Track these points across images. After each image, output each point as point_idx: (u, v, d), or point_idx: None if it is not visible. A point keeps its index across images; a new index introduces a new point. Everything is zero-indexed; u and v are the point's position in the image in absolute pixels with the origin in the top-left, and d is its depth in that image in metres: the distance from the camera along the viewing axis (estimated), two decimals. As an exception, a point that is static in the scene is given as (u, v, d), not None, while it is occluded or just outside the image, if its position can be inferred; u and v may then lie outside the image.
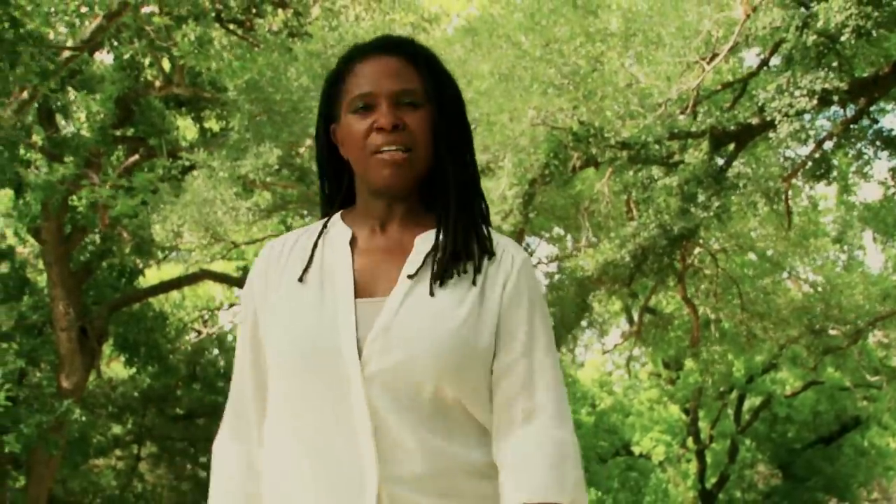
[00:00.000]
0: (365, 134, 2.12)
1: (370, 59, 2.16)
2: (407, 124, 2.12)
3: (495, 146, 13.03)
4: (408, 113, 2.12)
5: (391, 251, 2.17)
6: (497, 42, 12.96)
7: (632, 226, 13.20)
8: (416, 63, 2.16)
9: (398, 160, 2.11)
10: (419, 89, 2.14)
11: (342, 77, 2.20)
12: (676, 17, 12.76)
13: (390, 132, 2.10)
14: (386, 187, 2.15)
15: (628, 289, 14.77)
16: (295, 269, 2.20)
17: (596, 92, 12.43)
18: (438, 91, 2.16)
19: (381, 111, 2.12)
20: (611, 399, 29.98)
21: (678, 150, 13.00)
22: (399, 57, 2.16)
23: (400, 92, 2.12)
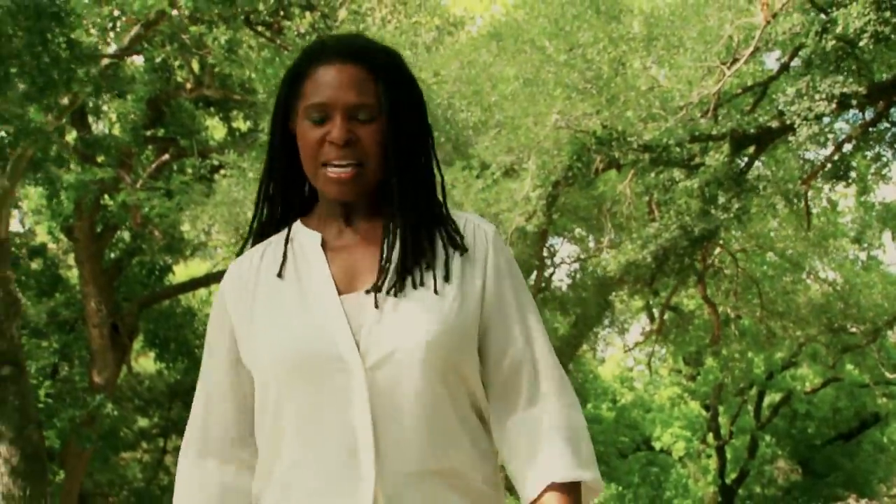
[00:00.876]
0: (317, 144, 2.12)
1: (330, 66, 2.13)
2: (359, 138, 2.11)
3: (519, 148, 13.28)
4: (361, 127, 2.11)
5: (363, 245, 2.18)
6: (522, 47, 13.21)
7: (653, 227, 13.41)
8: (376, 72, 2.13)
9: (346, 177, 2.11)
10: (374, 102, 2.12)
11: (302, 77, 2.16)
12: (698, 21, 12.98)
13: (341, 147, 2.09)
14: (336, 200, 2.17)
15: (649, 288, 15.02)
16: (269, 280, 2.18)
17: (618, 96, 12.67)
18: (395, 102, 2.13)
19: (334, 123, 2.10)
20: (632, 395, 30.18)
21: (699, 153, 13.21)
22: (358, 66, 2.13)
23: (355, 106, 2.10)
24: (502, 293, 2.16)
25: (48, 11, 7.77)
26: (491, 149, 13.47)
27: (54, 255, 19.03)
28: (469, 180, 13.56)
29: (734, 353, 19.02)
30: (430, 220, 2.18)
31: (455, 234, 2.18)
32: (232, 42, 14.11)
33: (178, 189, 13.18)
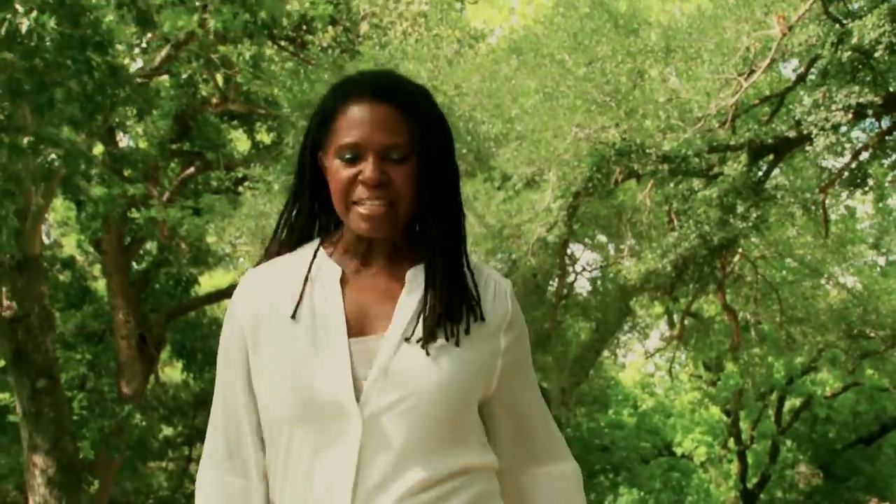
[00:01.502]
0: (349, 183, 2.12)
1: (362, 105, 2.13)
2: (392, 179, 2.11)
3: (540, 160, 13.48)
4: (394, 167, 2.11)
5: (381, 288, 2.17)
6: (541, 61, 13.41)
7: (673, 236, 13.59)
8: (407, 112, 2.15)
9: (378, 214, 2.11)
10: (407, 142, 2.13)
11: (334, 113, 2.18)
12: (715, 34, 13.14)
13: (374, 188, 2.10)
14: (366, 236, 2.16)
15: (669, 296, 15.21)
16: (285, 306, 2.17)
17: (637, 109, 12.87)
18: (427, 141, 2.14)
19: (367, 164, 2.10)
20: (652, 400, 30.32)
21: (717, 163, 13.39)
22: (390, 105, 2.13)
23: (388, 146, 2.11)
24: (517, 359, 2.19)
25: (92, 41, 8.06)
26: (512, 160, 13.66)
27: (81, 266, 19.31)
28: (491, 192, 13.77)
29: (754, 358, 19.18)
30: (459, 272, 2.18)
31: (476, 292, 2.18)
32: (256, 57, 14.39)
33: (206, 207, 13.44)
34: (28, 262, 12.51)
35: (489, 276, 2.24)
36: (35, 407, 12.53)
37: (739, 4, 12.88)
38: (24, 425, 12.86)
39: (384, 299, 2.15)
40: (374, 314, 2.13)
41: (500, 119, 14.27)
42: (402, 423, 2.04)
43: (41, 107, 7.90)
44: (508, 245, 14.08)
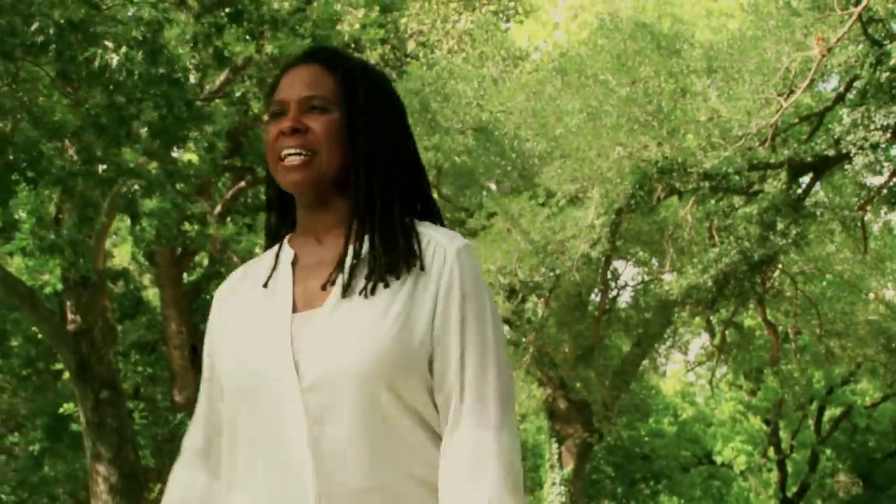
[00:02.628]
0: (274, 139, 2.12)
1: (293, 69, 2.18)
2: (310, 127, 2.10)
3: (583, 178, 13.81)
4: (313, 118, 2.11)
5: (326, 263, 2.14)
6: (585, 81, 13.74)
7: (714, 252, 13.87)
8: (332, 69, 2.15)
9: (296, 164, 2.09)
10: (330, 96, 2.13)
11: (273, 88, 2.21)
12: (756, 54, 13.42)
13: (290, 135, 2.09)
14: (291, 190, 2.14)
15: (710, 310, 15.50)
16: (246, 297, 2.19)
17: (679, 128, 13.19)
18: (353, 95, 2.14)
19: (288, 116, 2.12)
20: (693, 409, 30.50)
21: (758, 180, 13.68)
22: (317, 64, 2.17)
23: (308, 98, 2.12)
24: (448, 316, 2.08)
25: (171, 78, 8.50)
26: (556, 178, 13.99)
27: (133, 277, 19.78)
28: (535, 209, 14.11)
29: (794, 370, 19.40)
30: (391, 227, 2.14)
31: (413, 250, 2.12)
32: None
33: (261, 225, 13.86)
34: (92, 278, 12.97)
35: (432, 238, 2.14)
36: (98, 417, 12.97)
37: (780, 26, 13.13)
38: (87, 435, 13.31)
39: (326, 273, 2.12)
40: (316, 288, 2.11)
41: (545, 137, 14.61)
42: (343, 392, 2.00)
43: (119, 139, 8.37)
44: (552, 261, 14.40)
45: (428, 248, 2.13)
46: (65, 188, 8.80)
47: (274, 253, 2.21)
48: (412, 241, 2.13)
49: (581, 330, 17.23)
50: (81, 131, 8.56)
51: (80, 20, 7.33)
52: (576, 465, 19.23)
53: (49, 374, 19.01)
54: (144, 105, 8.54)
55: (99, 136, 8.40)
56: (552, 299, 15.90)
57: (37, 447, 17.35)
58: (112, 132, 8.32)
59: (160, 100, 8.59)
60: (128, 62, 7.47)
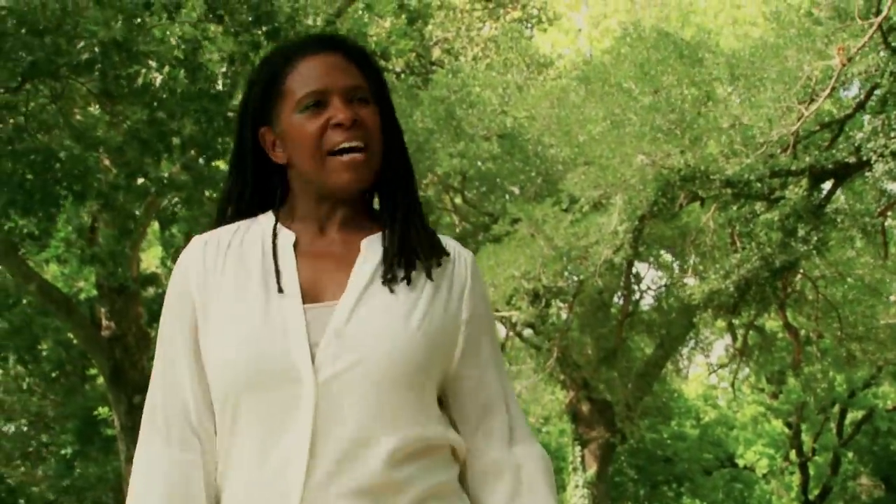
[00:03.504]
0: (319, 132, 2.03)
1: (315, 57, 2.08)
2: (363, 120, 2.04)
3: (607, 185, 13.99)
4: (362, 108, 2.05)
5: (336, 255, 2.08)
6: (609, 89, 13.94)
7: (736, 257, 14.04)
8: (359, 61, 2.11)
9: (359, 161, 2.03)
10: (367, 86, 2.08)
11: (281, 77, 2.09)
12: (777, 63, 13.57)
13: (349, 128, 2.02)
14: (345, 190, 2.06)
15: (732, 315, 15.68)
16: (235, 272, 2.08)
17: (701, 136, 13.36)
18: (380, 89, 2.12)
19: (335, 107, 2.03)
20: (715, 412, 30.61)
21: (779, 187, 13.84)
22: (342, 54, 2.10)
23: (353, 87, 2.06)
24: (480, 331, 2.10)
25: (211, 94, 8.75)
26: (580, 184, 14.17)
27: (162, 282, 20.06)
28: (559, 215, 14.30)
29: (816, 373, 19.53)
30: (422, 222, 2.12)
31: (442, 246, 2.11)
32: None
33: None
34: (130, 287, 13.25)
35: (448, 243, 2.15)
36: (132, 422, 13.22)
37: (801, 35, 13.27)
38: (121, 438, 13.59)
39: (339, 267, 2.06)
40: (328, 281, 2.05)
41: (569, 144, 14.80)
42: (358, 390, 1.95)
43: (159, 153, 8.64)
44: (576, 266, 14.61)
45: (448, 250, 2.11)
46: (106, 202, 9.05)
47: (260, 230, 2.12)
48: (436, 238, 2.11)
49: (604, 333, 17.43)
50: (124, 146, 8.82)
51: (123, 39, 7.59)
52: (598, 468, 19.40)
53: (77, 376, 19.33)
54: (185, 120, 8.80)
55: (141, 151, 8.66)
56: (575, 303, 16.13)
57: (69, 450, 17.65)
58: (153, 147, 8.59)
59: (200, 115, 8.85)
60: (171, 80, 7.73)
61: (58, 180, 8.21)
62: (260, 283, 2.04)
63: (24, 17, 7.09)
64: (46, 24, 7.27)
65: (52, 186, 8.21)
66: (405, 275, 2.03)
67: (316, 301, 2.02)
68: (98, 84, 8.13)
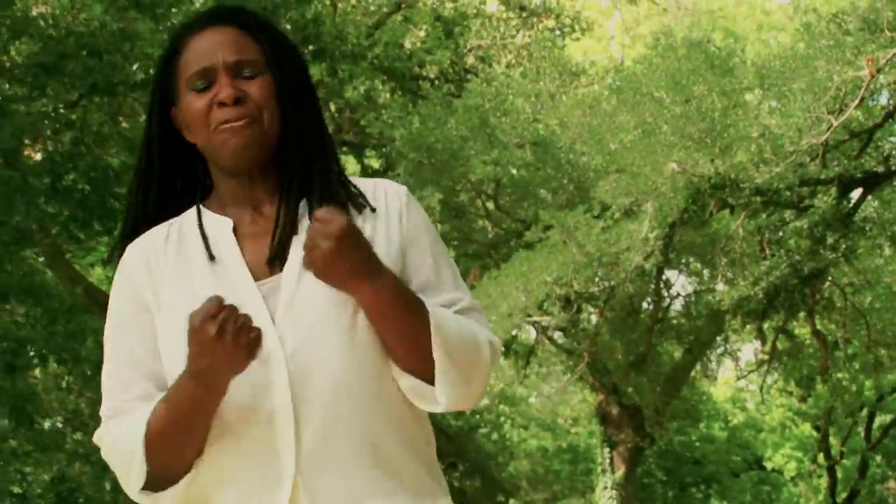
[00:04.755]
0: (206, 111, 2.04)
1: (204, 33, 2.07)
2: (248, 94, 2.04)
3: (638, 192, 14.20)
4: (248, 83, 2.05)
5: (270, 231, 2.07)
6: (640, 99, 14.15)
7: (765, 264, 14.24)
8: (252, 31, 2.09)
9: (239, 127, 2.02)
10: (258, 58, 2.06)
11: (177, 54, 2.10)
12: (807, 73, 13.75)
13: (232, 106, 2.02)
14: (235, 162, 2.05)
15: (761, 321, 15.88)
16: (180, 263, 2.07)
17: (731, 145, 13.57)
18: (278, 57, 2.08)
19: (220, 84, 2.03)
20: (743, 415, 30.73)
21: (808, 196, 14.05)
22: (234, 27, 2.08)
23: (237, 62, 2.05)
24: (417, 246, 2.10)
25: None
26: (611, 191, 14.38)
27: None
28: (590, 222, 14.52)
29: (844, 378, 19.68)
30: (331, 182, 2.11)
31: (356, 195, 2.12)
32: (368, 91, 15.32)
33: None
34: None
35: (379, 184, 2.18)
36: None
37: (831, 46, 13.44)
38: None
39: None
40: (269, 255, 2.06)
41: (601, 152, 15.01)
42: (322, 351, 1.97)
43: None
44: (607, 272, 14.83)
45: (377, 192, 2.13)
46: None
47: (193, 222, 2.10)
48: (351, 189, 2.11)
49: (634, 338, 17.63)
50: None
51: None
52: (627, 470, 19.57)
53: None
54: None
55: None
56: (606, 309, 16.33)
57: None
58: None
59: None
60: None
61: (114, 195, 8.53)
62: (208, 273, 2.05)
63: (83, 38, 7.41)
64: (105, 45, 7.58)
65: (109, 201, 8.54)
66: None
67: (264, 277, 2.03)
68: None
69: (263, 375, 1.95)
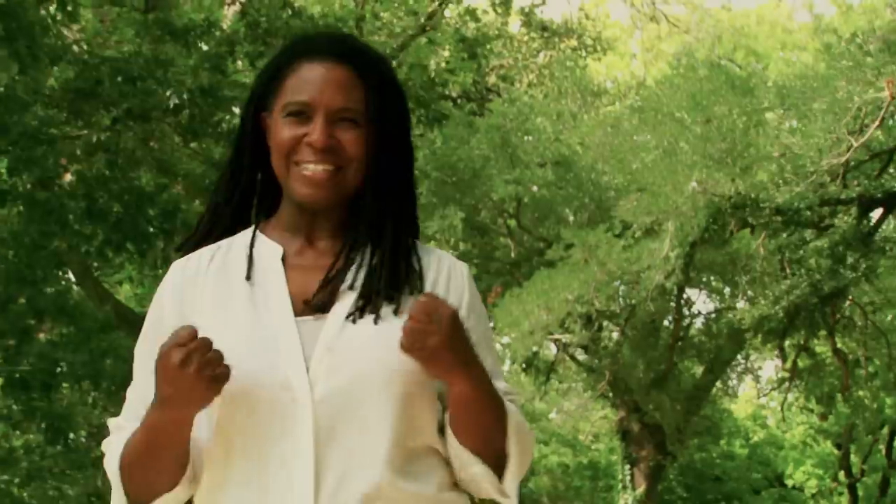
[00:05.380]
0: (293, 144, 2.00)
1: (317, 63, 2.02)
2: (341, 144, 1.99)
3: (658, 211, 14.29)
4: (343, 131, 2.00)
5: (325, 266, 2.02)
6: (661, 119, 14.27)
7: (785, 283, 14.32)
8: (364, 76, 2.03)
9: (320, 178, 1.99)
10: (361, 108, 2.01)
11: (284, 70, 2.05)
12: (828, 93, 13.84)
13: (320, 151, 1.98)
14: (305, 203, 2.02)
15: (781, 340, 15.97)
16: (219, 290, 2.02)
17: (752, 165, 13.66)
18: (382, 108, 2.02)
19: (316, 125, 1.98)
20: (764, 432, 30.71)
21: (828, 215, 14.14)
22: (347, 67, 2.02)
23: (340, 109, 2.00)
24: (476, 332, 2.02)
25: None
26: (632, 210, 14.47)
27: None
28: (611, 241, 14.62)
29: (865, 396, 19.70)
30: (405, 244, 2.07)
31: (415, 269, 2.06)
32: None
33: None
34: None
35: (443, 257, 2.11)
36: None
37: (852, 67, 13.52)
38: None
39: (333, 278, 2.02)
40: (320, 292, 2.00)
41: (622, 172, 15.12)
42: (354, 405, 1.91)
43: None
44: (628, 290, 14.93)
45: (442, 265, 2.08)
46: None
47: (245, 243, 2.07)
48: (413, 260, 2.06)
49: (655, 356, 17.70)
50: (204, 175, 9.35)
51: (209, 86, 8.07)
52: (648, 487, 19.61)
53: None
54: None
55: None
56: (627, 327, 16.44)
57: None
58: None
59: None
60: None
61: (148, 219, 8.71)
62: (247, 298, 1.99)
63: (118, 65, 7.61)
64: (140, 72, 7.78)
65: (144, 225, 8.72)
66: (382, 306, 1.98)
67: (307, 314, 1.97)
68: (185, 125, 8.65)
69: (289, 416, 1.90)
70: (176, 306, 2.02)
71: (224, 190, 2.13)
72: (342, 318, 1.95)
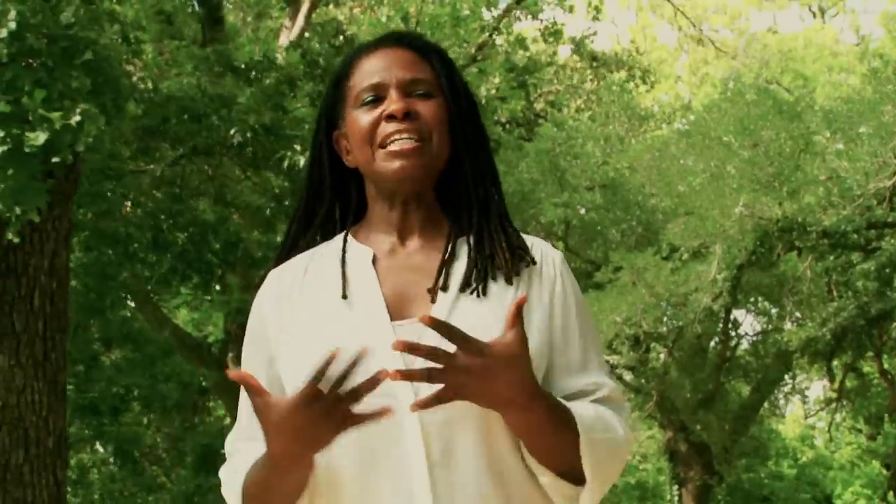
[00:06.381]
0: (373, 125, 1.95)
1: (377, 53, 2.02)
2: (420, 113, 1.95)
3: (706, 235, 14.44)
4: (420, 101, 1.96)
5: (418, 268, 1.96)
6: (709, 143, 14.43)
7: (832, 306, 14.42)
8: (427, 55, 2.03)
9: (408, 150, 1.92)
10: (431, 80, 1.99)
11: (347, 74, 2.03)
12: (874, 117, 13.95)
13: (402, 120, 1.93)
14: (397, 181, 1.95)
15: (829, 363, 16.05)
16: (315, 296, 1.96)
17: (799, 189, 13.78)
18: (451, 82, 2.01)
19: (391, 99, 1.94)
20: (812, 453, 30.63)
21: (875, 238, 14.21)
22: (408, 49, 2.02)
23: (411, 80, 1.97)
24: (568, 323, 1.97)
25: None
26: (680, 234, 14.63)
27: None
28: (659, 263, 14.79)
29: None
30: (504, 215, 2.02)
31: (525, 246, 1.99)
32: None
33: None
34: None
35: (536, 242, 2.03)
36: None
37: (897, 91, 13.63)
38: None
39: (421, 279, 1.95)
40: (414, 295, 1.93)
41: (670, 195, 15.28)
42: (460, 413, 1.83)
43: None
44: (676, 312, 15.08)
45: (534, 251, 2.00)
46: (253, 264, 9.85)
47: (337, 249, 2.02)
48: (513, 239, 1.98)
49: (702, 377, 17.83)
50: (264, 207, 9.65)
51: (271, 124, 8.34)
52: (696, 507, 19.71)
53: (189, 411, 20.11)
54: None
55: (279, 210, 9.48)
56: (674, 348, 16.59)
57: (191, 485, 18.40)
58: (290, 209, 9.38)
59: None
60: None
61: (213, 251, 9.00)
62: (342, 304, 1.93)
63: (184, 103, 7.89)
64: (205, 110, 8.06)
65: (207, 255, 9.02)
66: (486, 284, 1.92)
67: (402, 317, 1.90)
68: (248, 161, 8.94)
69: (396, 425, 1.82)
70: (275, 316, 1.97)
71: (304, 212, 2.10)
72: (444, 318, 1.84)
